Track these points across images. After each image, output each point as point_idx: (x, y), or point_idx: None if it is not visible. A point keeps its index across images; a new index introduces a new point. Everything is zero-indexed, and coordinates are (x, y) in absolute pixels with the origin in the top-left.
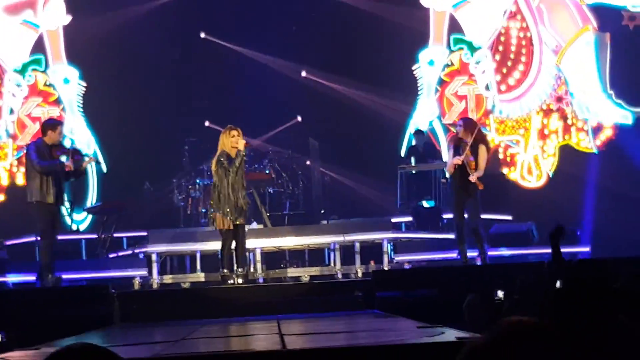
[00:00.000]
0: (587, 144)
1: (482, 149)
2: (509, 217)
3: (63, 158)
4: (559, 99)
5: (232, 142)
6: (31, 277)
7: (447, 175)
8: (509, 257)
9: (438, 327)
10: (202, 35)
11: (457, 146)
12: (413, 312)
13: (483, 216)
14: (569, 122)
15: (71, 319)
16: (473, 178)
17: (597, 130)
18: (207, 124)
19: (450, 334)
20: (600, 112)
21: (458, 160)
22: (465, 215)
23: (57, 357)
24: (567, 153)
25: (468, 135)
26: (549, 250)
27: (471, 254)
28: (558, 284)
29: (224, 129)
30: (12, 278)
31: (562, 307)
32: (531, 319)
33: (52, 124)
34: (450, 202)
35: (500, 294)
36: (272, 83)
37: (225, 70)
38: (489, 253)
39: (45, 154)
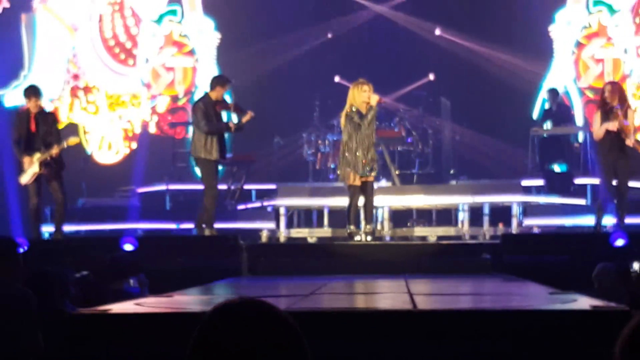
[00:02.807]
0: None
1: (632, 113)
2: None
3: (226, 115)
4: None
5: (364, 96)
6: (162, 225)
7: (587, 140)
8: None
9: (571, 293)
10: None
11: (606, 111)
12: (542, 278)
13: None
14: None
15: (200, 269)
16: (631, 142)
17: None
18: (337, 79)
19: (584, 302)
20: None
21: (613, 125)
22: (614, 182)
23: (224, 309)
24: None
25: (616, 99)
26: None
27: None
28: (636, 266)
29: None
30: (143, 225)
31: None
32: None
33: (222, 81)
34: (594, 167)
35: (636, 266)
36: (405, 40)
37: (358, 27)
38: (627, 221)
39: (210, 112)
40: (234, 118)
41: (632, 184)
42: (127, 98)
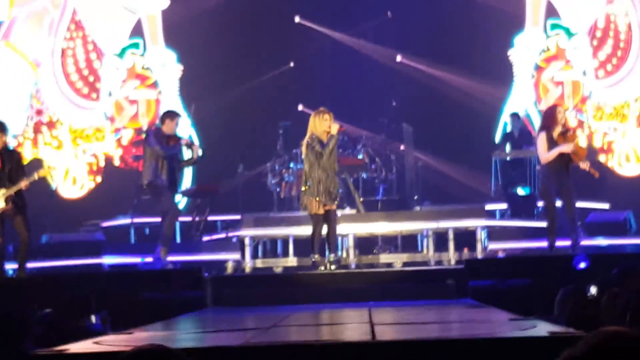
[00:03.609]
0: None
1: (582, 136)
2: (606, 206)
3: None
4: None
5: (324, 125)
6: (126, 259)
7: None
8: (605, 247)
9: (531, 319)
10: (297, 19)
11: (551, 135)
12: (506, 302)
13: (579, 204)
14: None
15: (164, 302)
16: (586, 166)
17: None
18: (300, 107)
19: (543, 328)
20: None
21: (567, 148)
22: (560, 204)
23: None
24: None
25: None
26: None
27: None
28: (593, 290)
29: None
30: (108, 260)
31: None
32: (631, 330)
33: (171, 115)
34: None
35: (593, 290)
36: (367, 67)
37: (320, 55)
38: (586, 243)
39: (163, 142)
40: (187, 153)
41: (591, 205)
42: (91, 132)
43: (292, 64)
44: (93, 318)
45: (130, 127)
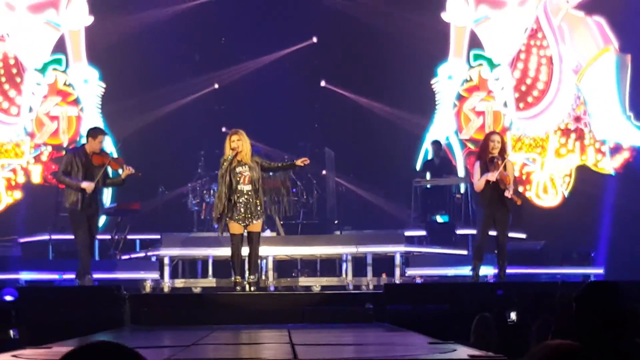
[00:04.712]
0: (605, 165)
1: (510, 164)
2: (523, 236)
3: (85, 185)
4: (578, 119)
5: (232, 145)
6: (44, 275)
7: (468, 191)
8: (521, 275)
9: (449, 343)
10: (222, 40)
11: (486, 162)
12: (423, 327)
13: (494, 233)
14: (587, 142)
15: (82, 320)
16: (509, 194)
17: (614, 151)
18: (223, 129)
19: (462, 352)
20: (619, 134)
21: (492, 176)
22: (494, 233)
23: (78, 354)
24: (583, 173)
25: (497, 150)
26: (563, 271)
27: (484, 272)
28: (513, 316)
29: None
30: (25, 276)
31: (577, 329)
32: (570, 342)
33: (93, 133)
34: (475, 218)
35: (513, 315)
36: (291, 91)
37: (245, 77)
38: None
39: (79, 163)
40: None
41: (509, 234)
42: (10, 147)
43: (216, 86)
44: (11, 333)
45: (50, 143)
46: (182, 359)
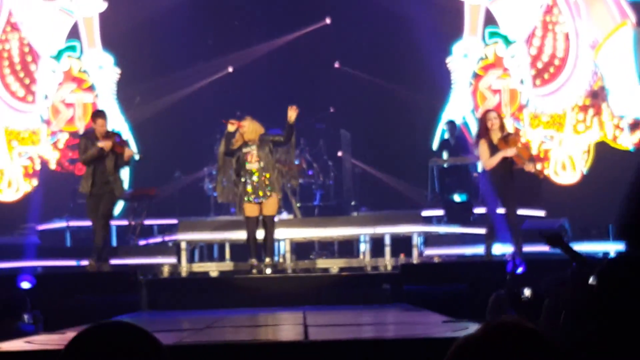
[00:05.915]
0: (623, 141)
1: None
2: (542, 214)
3: (101, 143)
4: (595, 95)
5: (240, 130)
6: (61, 262)
7: (483, 169)
8: (539, 253)
9: (463, 322)
10: (236, 23)
11: (491, 140)
12: (441, 306)
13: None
14: (605, 118)
15: (99, 305)
16: (532, 167)
17: (633, 127)
18: (238, 113)
19: (474, 329)
20: (637, 109)
21: (511, 152)
22: (503, 210)
23: (90, 333)
24: (602, 150)
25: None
26: (582, 247)
27: (501, 250)
28: (592, 280)
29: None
30: (42, 262)
31: (599, 310)
32: (525, 321)
33: (93, 117)
34: (486, 196)
35: (527, 292)
36: (305, 73)
37: (259, 60)
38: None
39: (90, 145)
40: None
41: (527, 212)
42: (27, 135)
43: (230, 69)
44: (26, 318)
45: (66, 130)
46: (196, 341)
